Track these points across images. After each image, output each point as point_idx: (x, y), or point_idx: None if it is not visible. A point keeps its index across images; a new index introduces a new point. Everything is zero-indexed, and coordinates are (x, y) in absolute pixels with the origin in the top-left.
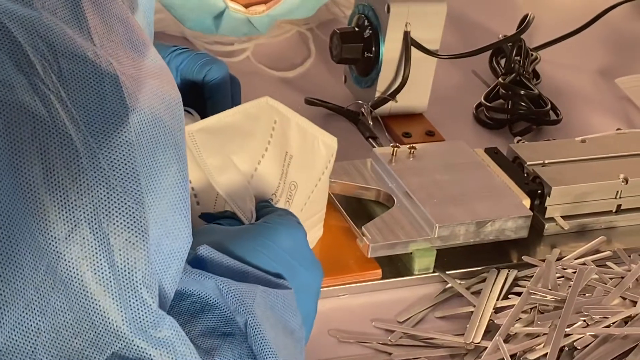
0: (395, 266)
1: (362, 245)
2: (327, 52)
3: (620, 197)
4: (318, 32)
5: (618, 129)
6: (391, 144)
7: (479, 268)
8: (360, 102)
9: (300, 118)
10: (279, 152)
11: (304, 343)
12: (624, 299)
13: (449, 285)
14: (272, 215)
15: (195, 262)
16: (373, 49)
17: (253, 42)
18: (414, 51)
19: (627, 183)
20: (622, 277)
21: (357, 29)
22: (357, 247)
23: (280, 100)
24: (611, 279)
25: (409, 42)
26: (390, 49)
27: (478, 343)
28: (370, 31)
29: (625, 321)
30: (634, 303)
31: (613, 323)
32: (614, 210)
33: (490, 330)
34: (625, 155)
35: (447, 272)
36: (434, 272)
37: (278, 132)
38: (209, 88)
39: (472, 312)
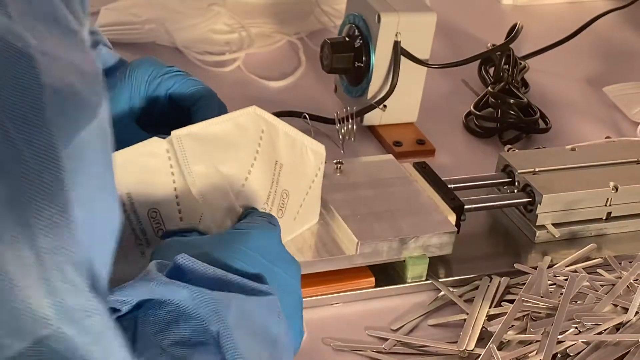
0: (388, 274)
1: None
2: (317, 62)
3: (610, 205)
4: (308, 41)
5: (607, 137)
6: (334, 161)
7: (471, 276)
8: (346, 109)
9: (287, 127)
10: (268, 161)
11: (292, 348)
12: (615, 306)
13: (442, 293)
14: (243, 220)
15: (174, 272)
16: (364, 58)
17: (244, 51)
18: (404, 61)
19: (617, 191)
20: (613, 285)
21: (347, 39)
22: None
23: (270, 110)
24: (602, 286)
25: (398, 51)
26: (380, 59)
27: (471, 350)
28: (361, 41)
29: (617, 328)
30: (625, 310)
31: (605, 330)
32: (604, 218)
33: (483, 338)
34: (615, 163)
35: (440, 280)
36: (426, 280)
37: (266, 142)
38: (195, 107)
39: (465, 319)
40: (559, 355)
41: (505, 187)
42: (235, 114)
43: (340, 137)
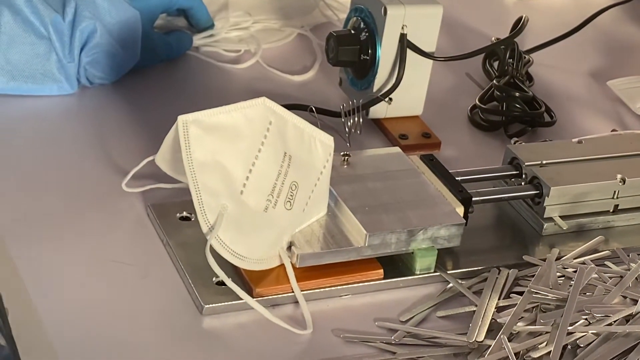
0: (396, 266)
1: (290, 255)
2: (321, 55)
3: (617, 197)
4: (312, 35)
5: (613, 130)
6: (342, 153)
7: (479, 268)
8: (353, 101)
9: (296, 118)
10: (275, 153)
11: None
12: (625, 297)
13: (450, 285)
14: None
15: None
16: (369, 51)
17: (252, 46)
18: (410, 53)
19: (624, 183)
20: (622, 277)
21: (353, 32)
22: None
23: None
24: (611, 278)
25: (404, 44)
26: (386, 52)
27: (481, 342)
28: (367, 34)
29: (627, 319)
30: (635, 301)
31: (615, 321)
32: (611, 210)
33: (493, 330)
34: (621, 156)
35: (448, 272)
36: (435, 272)
37: (274, 133)
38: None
39: (474, 311)
40: (569, 347)
41: (513, 179)
42: (244, 104)
43: (347, 130)
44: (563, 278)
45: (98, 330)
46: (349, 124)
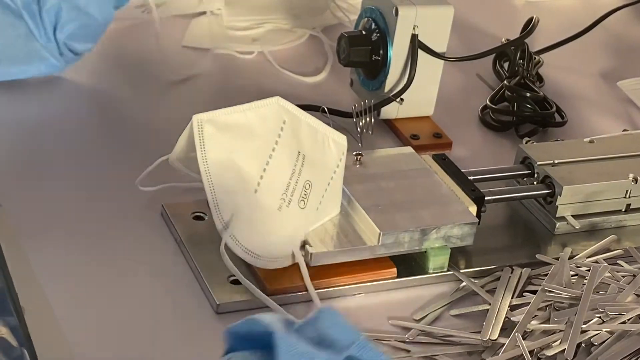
0: (409, 265)
1: (304, 254)
2: (333, 56)
3: (629, 197)
4: (323, 36)
5: (625, 130)
6: (354, 153)
7: (491, 267)
8: (364, 102)
9: (310, 117)
10: (289, 152)
11: None
12: (638, 296)
13: (463, 283)
14: None
15: None
16: (381, 52)
17: (265, 47)
18: (422, 54)
19: (636, 182)
20: (634, 275)
21: (364, 32)
22: None
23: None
24: (624, 276)
25: (416, 45)
26: (398, 52)
27: (495, 340)
28: (378, 34)
29: None
30: None
31: (628, 320)
32: (623, 210)
33: (506, 328)
34: (633, 155)
35: (461, 271)
36: (448, 270)
37: (287, 133)
38: None
39: (487, 310)
40: (583, 345)
41: (525, 179)
42: (258, 103)
43: (358, 130)
44: (576, 277)
45: (112, 328)
46: (360, 124)
